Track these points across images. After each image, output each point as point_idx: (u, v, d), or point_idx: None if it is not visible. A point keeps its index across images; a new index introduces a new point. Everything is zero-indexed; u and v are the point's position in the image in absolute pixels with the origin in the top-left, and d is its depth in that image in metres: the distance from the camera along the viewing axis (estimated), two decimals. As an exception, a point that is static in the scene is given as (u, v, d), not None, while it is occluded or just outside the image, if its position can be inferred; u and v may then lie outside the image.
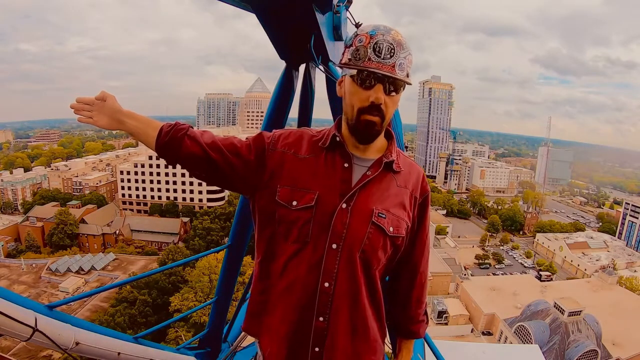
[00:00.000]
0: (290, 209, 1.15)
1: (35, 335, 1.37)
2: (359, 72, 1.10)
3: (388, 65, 1.07)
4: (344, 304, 1.15)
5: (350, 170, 1.18)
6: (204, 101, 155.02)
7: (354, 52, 1.11)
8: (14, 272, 44.39)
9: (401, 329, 1.43)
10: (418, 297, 1.37)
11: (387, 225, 1.16)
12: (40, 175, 76.33)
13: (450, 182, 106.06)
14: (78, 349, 1.56)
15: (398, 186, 1.22)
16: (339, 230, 1.13)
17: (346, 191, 1.15)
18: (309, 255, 1.14)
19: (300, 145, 1.23)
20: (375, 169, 1.19)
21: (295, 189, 1.16)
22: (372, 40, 1.08)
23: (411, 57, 1.13)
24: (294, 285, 1.16)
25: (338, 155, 1.20)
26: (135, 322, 31.39)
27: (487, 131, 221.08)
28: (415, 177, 1.27)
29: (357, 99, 1.12)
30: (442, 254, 49.91)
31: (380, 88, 1.09)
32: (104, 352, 1.71)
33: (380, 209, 1.16)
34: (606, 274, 46.79)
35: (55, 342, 1.44)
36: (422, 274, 1.36)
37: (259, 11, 1.70)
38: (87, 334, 1.63)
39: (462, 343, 24.46)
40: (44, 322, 1.41)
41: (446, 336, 31.96)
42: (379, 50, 1.07)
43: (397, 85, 1.11)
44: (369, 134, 1.16)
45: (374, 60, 1.07)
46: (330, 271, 1.13)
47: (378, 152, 1.24)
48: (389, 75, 1.07)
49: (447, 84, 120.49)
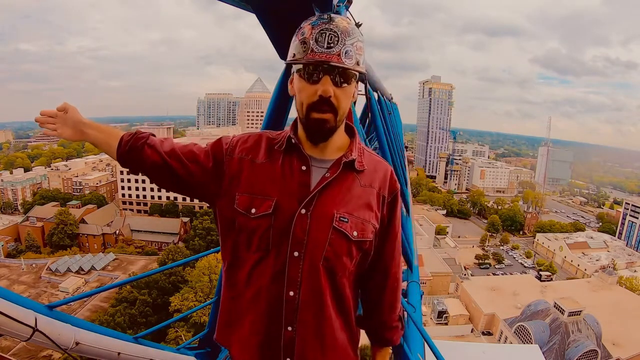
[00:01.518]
0: (249, 217, 1.10)
1: (35, 335, 1.37)
2: (305, 66, 1.03)
3: (333, 54, 1.00)
4: (309, 313, 1.11)
5: (309, 173, 1.12)
6: (204, 101, 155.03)
7: (297, 46, 1.05)
8: (14, 272, 44.40)
9: (374, 336, 1.35)
10: (390, 302, 1.29)
11: (350, 229, 1.10)
12: (40, 175, 76.31)
13: (450, 182, 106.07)
14: (78, 349, 1.57)
15: (362, 186, 1.15)
16: (299, 237, 1.08)
17: (305, 196, 1.09)
18: (272, 264, 1.10)
19: (258, 149, 1.17)
20: (335, 170, 1.12)
21: (254, 195, 1.11)
22: (314, 30, 1.02)
23: (361, 43, 1.05)
24: (260, 294, 1.12)
25: (295, 158, 1.13)
26: (135, 322, 31.38)
27: (487, 131, 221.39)
28: (382, 174, 1.20)
29: (305, 95, 1.05)
30: (442, 254, 49.91)
31: (327, 80, 1.02)
32: (104, 352, 1.71)
33: (342, 213, 1.10)
34: (606, 274, 46.79)
35: (55, 342, 1.44)
36: (394, 277, 1.27)
37: (259, 11, 1.70)
38: (87, 334, 1.63)
39: (462, 343, 24.51)
40: (44, 322, 1.41)
41: (446, 336, 31.99)
42: (322, 39, 1.01)
43: (347, 76, 1.04)
44: (321, 132, 1.09)
45: (317, 51, 1.01)
46: (294, 280, 1.09)
47: (339, 151, 1.17)
48: (334, 64, 1.00)
49: (447, 84, 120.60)
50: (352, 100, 1.11)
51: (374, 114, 3.86)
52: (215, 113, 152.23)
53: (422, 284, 37.24)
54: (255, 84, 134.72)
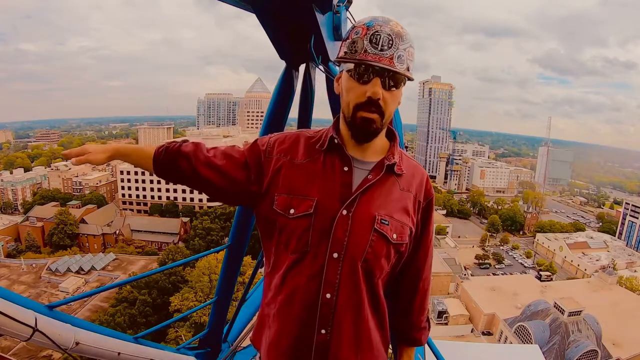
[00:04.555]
0: (288, 218, 1.10)
1: (35, 335, 1.37)
2: (356, 66, 1.03)
3: (386, 57, 1.00)
4: (347, 315, 1.10)
5: (351, 174, 1.11)
6: (204, 101, 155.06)
7: (350, 44, 1.04)
8: (14, 272, 44.40)
9: (403, 336, 1.37)
10: (421, 303, 1.32)
11: (390, 232, 1.10)
12: (40, 175, 76.34)
13: (450, 182, 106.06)
14: (78, 349, 1.57)
15: (401, 190, 1.15)
16: (340, 238, 1.07)
17: (347, 196, 1.09)
18: (309, 265, 1.09)
19: (296, 149, 1.17)
20: (377, 173, 1.12)
21: (293, 196, 1.10)
22: (369, 31, 1.01)
23: (412, 50, 1.05)
24: (294, 296, 1.11)
25: (337, 159, 1.13)
26: (135, 322, 31.39)
27: (487, 131, 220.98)
28: (419, 180, 1.20)
29: (353, 95, 1.05)
30: (442, 254, 49.87)
31: (377, 82, 1.02)
32: (104, 352, 1.72)
33: (383, 215, 1.10)
34: (606, 274, 46.83)
35: (55, 342, 1.44)
36: (425, 280, 1.30)
37: (259, 11, 1.71)
38: (87, 334, 1.63)
39: (462, 343, 24.52)
40: (44, 322, 1.41)
41: (446, 336, 32.01)
42: (376, 41, 1.00)
43: (396, 80, 1.04)
44: (367, 132, 1.09)
45: (370, 52, 1.00)
46: (332, 282, 1.07)
47: (380, 153, 1.17)
48: (387, 67, 1.00)
49: (447, 84, 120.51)
50: (398, 104, 1.12)
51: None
52: (216, 113, 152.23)
53: (422, 284, 36.97)
54: (255, 84, 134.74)
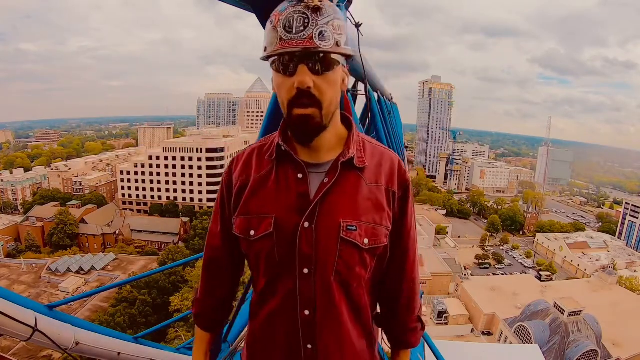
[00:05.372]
0: (250, 240, 1.02)
1: (35, 335, 1.37)
2: (278, 59, 0.91)
3: (304, 38, 0.87)
4: (329, 329, 1.04)
5: (306, 181, 1.00)
6: (204, 101, 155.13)
7: (266, 37, 0.93)
8: (14, 272, 44.41)
9: (392, 338, 1.26)
10: (407, 302, 1.19)
11: (359, 238, 0.99)
12: (40, 175, 76.41)
13: (450, 182, 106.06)
14: (78, 349, 1.57)
15: (368, 185, 1.02)
16: (306, 253, 0.98)
17: (305, 207, 0.98)
18: (282, 286, 1.02)
19: (251, 165, 1.07)
20: (333, 174, 0.99)
21: (251, 216, 1.02)
22: (281, 16, 0.89)
23: (339, 22, 0.92)
24: (273, 318, 1.05)
25: (290, 167, 1.01)
26: (135, 322, 31.41)
27: (487, 131, 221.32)
28: (389, 167, 1.06)
29: (284, 90, 0.93)
30: (442, 254, 49.90)
31: (303, 69, 0.89)
32: (104, 352, 1.72)
33: (350, 221, 0.98)
34: (606, 274, 46.83)
35: (55, 342, 1.44)
36: (409, 277, 1.16)
37: (259, 11, 1.70)
38: (87, 334, 1.63)
39: (462, 343, 24.53)
40: (44, 322, 1.41)
41: (446, 336, 31.99)
42: (290, 25, 0.87)
43: (327, 61, 0.90)
44: (306, 131, 0.96)
45: (286, 38, 0.87)
46: (308, 298, 1.00)
47: (337, 149, 1.04)
48: (307, 49, 0.87)
49: (447, 84, 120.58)
50: (343, 87, 1.00)
51: (374, 114, 3.85)
52: (215, 113, 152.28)
53: (422, 284, 37.25)
54: (255, 84, 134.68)
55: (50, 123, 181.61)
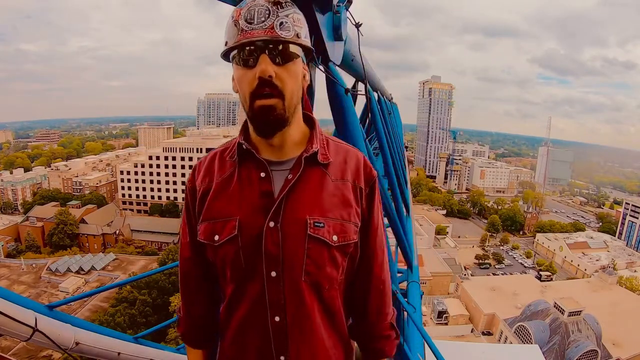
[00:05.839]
0: (214, 246, 0.98)
1: (35, 335, 1.37)
2: (239, 52, 0.91)
3: (265, 28, 0.88)
4: (302, 335, 0.99)
5: (269, 179, 0.97)
6: (204, 101, 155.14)
7: (227, 32, 0.93)
8: (14, 272, 44.42)
9: (363, 347, 1.17)
10: (377, 307, 1.11)
11: (328, 234, 0.96)
12: (40, 175, 76.39)
13: (450, 182, 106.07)
14: (78, 349, 1.57)
15: (334, 181, 1.00)
16: (273, 254, 0.94)
17: (269, 206, 0.95)
18: (250, 291, 0.98)
19: (213, 169, 1.04)
20: (297, 169, 0.97)
21: (214, 221, 0.99)
22: (243, 10, 0.90)
23: (298, 15, 0.93)
24: (244, 327, 1.01)
25: (252, 166, 0.99)
26: (135, 322, 31.42)
27: (487, 131, 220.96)
28: (354, 164, 1.05)
29: (245, 83, 0.91)
30: (442, 254, 49.91)
31: (265, 59, 0.88)
32: (104, 352, 1.72)
33: (316, 217, 0.95)
34: (606, 274, 46.84)
35: (55, 342, 1.44)
36: (377, 278, 1.10)
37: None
38: (87, 334, 1.63)
39: (462, 343, 24.46)
40: (44, 322, 1.41)
41: (446, 336, 31.99)
42: (251, 16, 0.88)
43: (287, 52, 0.90)
44: (269, 122, 0.93)
45: (247, 29, 0.88)
46: (277, 303, 0.96)
47: (300, 147, 1.02)
48: (268, 38, 0.87)
49: (447, 84, 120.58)
50: (304, 83, 0.99)
51: (374, 114, 3.85)
52: (216, 113, 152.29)
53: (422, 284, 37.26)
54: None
55: (50, 123, 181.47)
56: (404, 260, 4.33)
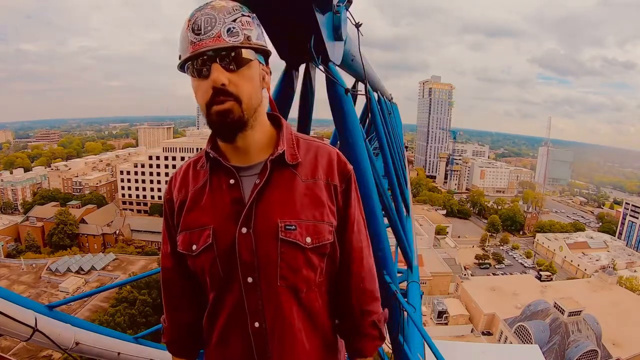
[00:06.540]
0: (192, 256, 1.00)
1: (35, 335, 1.37)
2: (192, 64, 0.90)
3: (212, 37, 0.87)
4: (281, 342, 0.99)
5: (238, 185, 0.98)
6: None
7: (180, 45, 0.92)
8: (14, 272, 44.37)
9: (347, 345, 1.15)
10: (359, 304, 1.09)
11: (301, 237, 0.95)
12: (40, 175, 76.33)
13: (450, 182, 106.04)
14: (78, 349, 1.57)
15: (304, 181, 0.99)
16: (247, 260, 0.95)
17: (240, 212, 0.95)
18: (229, 298, 0.99)
19: (187, 180, 1.06)
20: (264, 173, 0.97)
21: (191, 231, 1.00)
22: (190, 21, 0.89)
23: (248, 18, 0.92)
24: (225, 335, 1.02)
25: (222, 174, 0.99)
26: (135, 322, 31.40)
27: (487, 131, 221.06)
28: (326, 161, 1.03)
29: (201, 93, 0.91)
30: (442, 254, 49.91)
31: (217, 67, 0.88)
32: (104, 352, 1.72)
33: (288, 220, 0.95)
34: (606, 274, 46.85)
35: (55, 342, 1.44)
36: (357, 275, 1.08)
37: (259, 11, 1.70)
38: (87, 334, 1.63)
39: (462, 343, 24.48)
40: (44, 322, 1.41)
41: (446, 336, 32.02)
42: (198, 27, 0.87)
43: (239, 58, 0.89)
44: (227, 125, 0.92)
45: (196, 40, 0.87)
46: (256, 309, 0.97)
47: (268, 149, 1.01)
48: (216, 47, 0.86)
49: (447, 84, 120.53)
50: (264, 85, 0.98)
51: (374, 114, 3.86)
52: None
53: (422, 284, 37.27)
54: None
55: (50, 123, 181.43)
56: (404, 260, 4.33)
